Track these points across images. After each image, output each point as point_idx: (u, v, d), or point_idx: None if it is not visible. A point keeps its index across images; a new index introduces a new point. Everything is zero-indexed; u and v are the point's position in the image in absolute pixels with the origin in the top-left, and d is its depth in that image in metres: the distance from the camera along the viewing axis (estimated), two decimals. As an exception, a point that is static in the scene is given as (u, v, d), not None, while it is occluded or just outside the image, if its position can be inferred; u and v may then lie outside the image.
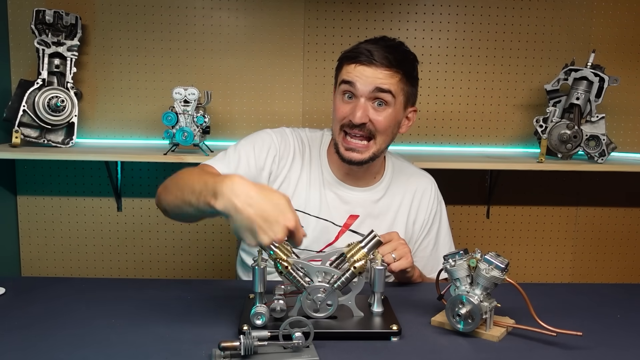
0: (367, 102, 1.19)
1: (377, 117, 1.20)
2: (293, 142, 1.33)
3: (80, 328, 0.96)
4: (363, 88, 1.18)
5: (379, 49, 1.20)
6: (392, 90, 1.19)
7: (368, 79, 1.18)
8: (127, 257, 2.15)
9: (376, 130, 1.21)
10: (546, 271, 2.23)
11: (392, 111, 1.21)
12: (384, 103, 1.20)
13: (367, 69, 1.18)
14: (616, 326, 1.02)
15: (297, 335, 0.85)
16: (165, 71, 2.03)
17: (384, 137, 1.23)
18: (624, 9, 2.07)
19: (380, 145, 1.24)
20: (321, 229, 1.29)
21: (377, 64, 1.18)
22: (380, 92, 1.18)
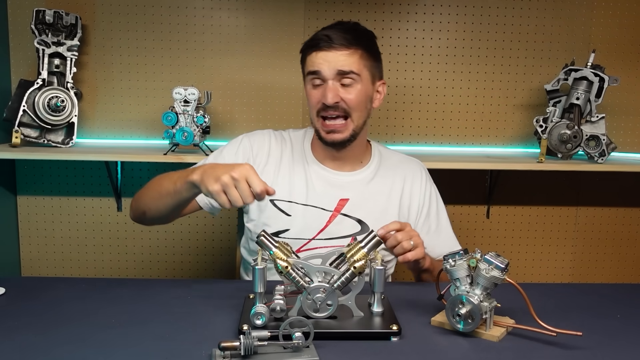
0: (335, 83, 1.25)
1: (347, 96, 1.25)
2: (269, 141, 1.38)
3: (80, 328, 0.96)
4: (328, 72, 1.24)
5: (336, 32, 1.26)
6: (354, 69, 1.24)
7: (330, 64, 1.23)
8: (127, 257, 2.15)
9: (350, 108, 1.26)
10: (546, 271, 2.23)
11: (361, 87, 1.27)
12: (351, 81, 1.25)
13: (328, 54, 1.24)
14: (616, 326, 1.02)
15: (297, 335, 0.85)
16: (165, 71, 2.03)
17: (358, 113, 1.28)
18: (624, 9, 2.07)
19: (357, 122, 1.28)
20: (311, 216, 1.31)
21: (337, 46, 1.24)
22: (344, 74, 1.24)
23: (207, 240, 2.14)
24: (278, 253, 0.98)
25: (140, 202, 1.29)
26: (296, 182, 1.33)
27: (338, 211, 1.31)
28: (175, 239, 2.14)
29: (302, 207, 1.31)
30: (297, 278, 0.97)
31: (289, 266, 0.97)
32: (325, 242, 1.31)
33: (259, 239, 0.99)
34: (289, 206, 1.32)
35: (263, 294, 0.96)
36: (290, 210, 1.32)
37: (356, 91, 1.25)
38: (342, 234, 1.31)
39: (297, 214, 1.31)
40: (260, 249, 1.00)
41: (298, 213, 1.31)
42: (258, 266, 0.95)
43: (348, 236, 1.31)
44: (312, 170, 1.35)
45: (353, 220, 1.32)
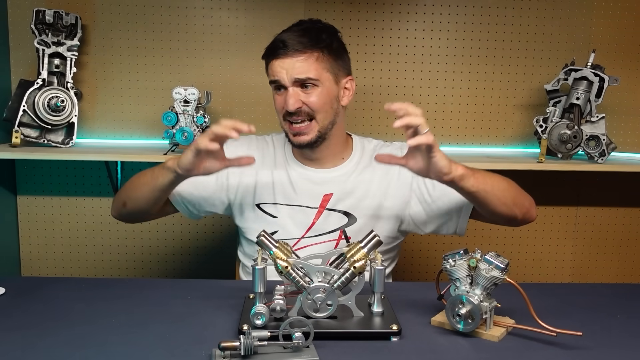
0: (295, 89, 1.26)
1: (309, 100, 1.26)
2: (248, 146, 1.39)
3: (80, 328, 0.96)
4: (286, 80, 1.25)
5: (292, 35, 1.26)
6: (311, 75, 1.24)
7: (288, 71, 1.24)
8: (127, 257, 2.14)
9: (313, 111, 1.26)
10: (546, 271, 2.23)
11: (322, 89, 1.27)
12: (311, 85, 1.25)
13: (285, 61, 1.25)
14: (616, 326, 1.02)
15: (297, 335, 0.85)
16: (165, 71, 2.03)
17: (322, 114, 1.28)
18: (624, 9, 2.07)
19: (323, 122, 1.28)
20: (297, 215, 1.32)
21: (292, 52, 1.24)
22: (302, 81, 1.25)
23: (207, 240, 2.15)
24: (278, 253, 0.98)
25: (121, 193, 1.35)
26: (279, 184, 1.34)
27: (323, 207, 1.32)
28: (175, 239, 2.14)
29: (288, 207, 1.33)
30: (297, 278, 0.97)
31: (289, 266, 0.97)
32: (315, 238, 1.32)
33: (259, 239, 1.00)
34: (274, 208, 1.33)
35: (263, 294, 0.96)
36: (277, 212, 1.33)
37: (317, 93, 1.26)
38: (330, 228, 1.32)
39: (283, 214, 1.33)
40: (260, 249, 1.00)
41: (284, 214, 1.33)
42: (258, 266, 0.95)
43: (336, 230, 1.32)
44: (294, 170, 1.35)
45: (339, 213, 1.32)
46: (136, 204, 1.31)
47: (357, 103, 2.06)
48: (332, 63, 1.28)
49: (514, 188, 1.25)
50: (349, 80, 1.34)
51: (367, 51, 2.05)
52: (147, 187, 1.26)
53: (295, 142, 1.29)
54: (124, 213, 1.36)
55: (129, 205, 1.32)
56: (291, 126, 1.28)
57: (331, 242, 1.31)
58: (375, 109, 2.09)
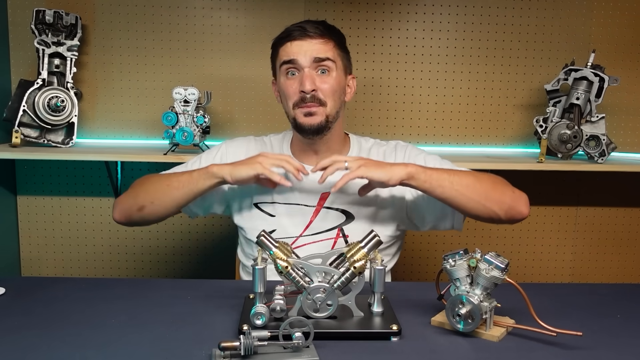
0: (311, 71, 1.26)
1: (322, 85, 1.27)
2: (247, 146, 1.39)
3: (80, 328, 0.96)
4: (304, 60, 1.25)
5: (308, 23, 1.28)
6: (330, 56, 1.27)
7: (307, 52, 1.25)
8: (127, 257, 2.15)
9: (325, 96, 1.27)
10: (546, 271, 2.23)
11: (336, 76, 1.28)
12: (327, 70, 1.27)
13: (303, 43, 1.26)
14: (616, 326, 1.02)
15: (297, 335, 0.85)
16: (165, 71, 2.03)
17: (332, 102, 1.28)
18: (624, 9, 2.07)
19: (331, 110, 1.28)
20: (295, 214, 1.32)
21: (311, 35, 1.26)
22: (321, 61, 1.26)
23: (207, 240, 2.14)
24: (278, 253, 0.98)
25: (138, 198, 1.31)
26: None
27: (321, 205, 1.32)
28: (175, 239, 2.14)
29: (285, 206, 1.33)
30: (297, 278, 0.97)
31: (289, 266, 0.97)
32: (313, 237, 1.32)
33: (259, 239, 1.00)
34: (272, 207, 1.34)
35: (263, 294, 0.96)
36: (274, 210, 1.33)
37: (331, 79, 1.27)
38: (328, 227, 1.32)
39: (281, 213, 1.33)
40: (260, 249, 1.00)
41: (282, 212, 1.33)
42: (258, 266, 0.95)
43: (334, 228, 1.32)
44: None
45: (337, 211, 1.32)
46: (159, 207, 1.30)
47: (356, 102, 2.06)
48: (344, 55, 1.32)
49: (485, 184, 1.23)
50: (352, 79, 1.37)
51: (367, 51, 2.05)
52: (180, 191, 1.26)
53: (305, 123, 1.27)
54: (135, 217, 1.32)
55: (149, 209, 1.30)
56: (302, 107, 1.27)
57: (329, 240, 1.31)
58: (375, 109, 2.09)
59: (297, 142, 1.37)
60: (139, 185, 1.34)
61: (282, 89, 1.31)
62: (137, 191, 1.33)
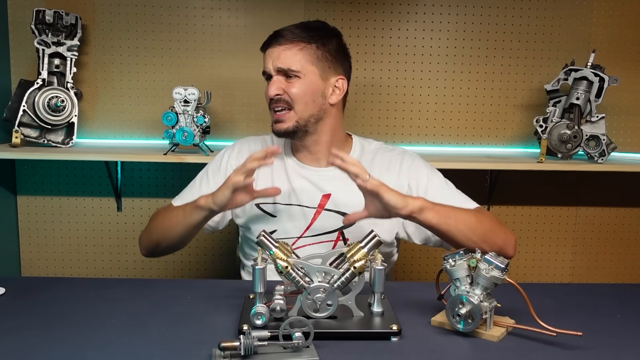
0: (279, 77, 1.28)
1: (289, 89, 1.28)
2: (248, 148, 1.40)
3: (80, 328, 0.96)
4: (270, 69, 1.29)
5: (291, 27, 1.29)
6: (292, 67, 1.26)
7: (273, 61, 1.28)
8: (127, 257, 2.15)
9: (292, 100, 1.28)
10: (546, 271, 2.23)
11: (305, 81, 1.28)
12: (293, 76, 1.27)
13: (273, 50, 1.29)
14: (616, 326, 1.02)
15: (297, 335, 0.85)
16: (165, 71, 2.03)
17: (302, 106, 1.28)
18: (624, 9, 2.07)
19: (302, 114, 1.29)
20: (296, 215, 1.32)
21: (280, 41, 1.28)
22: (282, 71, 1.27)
23: (207, 240, 2.14)
24: (278, 253, 0.98)
25: (152, 235, 1.37)
26: (277, 183, 1.35)
27: (322, 207, 1.32)
28: (175, 239, 2.14)
29: (286, 207, 1.33)
30: (297, 278, 0.97)
31: (289, 266, 0.97)
32: (313, 238, 1.32)
33: (259, 239, 1.00)
34: (273, 207, 1.34)
35: (263, 294, 0.96)
36: (275, 211, 1.34)
37: (298, 84, 1.27)
38: (328, 229, 1.32)
39: (281, 214, 1.33)
40: (260, 249, 1.00)
41: (283, 213, 1.33)
42: (258, 266, 0.95)
43: (334, 231, 1.31)
44: (292, 169, 1.36)
45: (337, 214, 1.32)
46: (171, 242, 1.35)
47: (357, 103, 2.06)
48: (321, 58, 1.29)
49: (485, 226, 1.23)
50: (339, 79, 1.33)
51: (367, 51, 2.05)
52: (180, 226, 1.29)
53: (274, 129, 1.31)
54: (157, 252, 1.39)
55: (163, 244, 1.36)
56: (275, 114, 1.31)
57: (329, 242, 1.31)
58: (375, 109, 2.09)
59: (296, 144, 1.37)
60: (152, 221, 1.38)
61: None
62: (150, 228, 1.38)
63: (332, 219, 1.32)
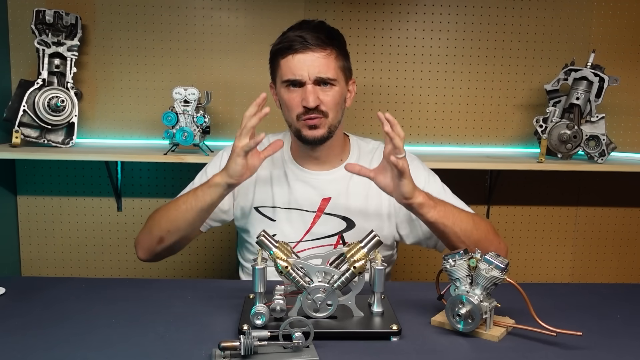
0: (315, 86, 1.24)
1: (325, 98, 1.25)
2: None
3: (80, 328, 0.96)
4: (306, 77, 1.23)
5: (308, 31, 1.24)
6: (331, 75, 1.24)
7: (309, 69, 1.23)
8: (127, 257, 2.14)
9: (328, 109, 1.26)
10: (546, 271, 2.23)
11: (338, 89, 1.27)
12: (329, 84, 1.25)
13: (305, 57, 1.23)
14: (616, 326, 1.02)
15: (297, 335, 0.85)
16: (165, 71, 2.03)
17: (334, 114, 1.28)
18: (624, 9, 2.07)
19: (333, 121, 1.28)
20: (295, 219, 1.32)
21: (313, 48, 1.23)
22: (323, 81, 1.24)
23: (207, 240, 2.14)
24: (278, 253, 0.98)
25: (153, 231, 1.30)
26: (277, 187, 1.34)
27: (321, 211, 1.31)
28: (175, 239, 2.14)
29: (286, 211, 1.32)
30: (297, 278, 0.97)
31: (289, 266, 0.97)
32: (312, 242, 1.31)
33: (259, 239, 1.00)
34: (272, 211, 1.33)
35: (263, 294, 0.96)
36: (275, 215, 1.33)
37: (333, 93, 1.25)
38: (328, 233, 1.31)
39: (281, 218, 1.32)
40: (260, 249, 1.00)
41: (282, 217, 1.32)
42: (258, 266, 0.95)
43: (334, 235, 1.31)
44: (292, 173, 1.35)
45: (337, 218, 1.31)
46: (177, 234, 1.28)
47: (357, 103, 2.06)
48: (344, 63, 1.29)
49: (480, 232, 1.23)
50: (352, 83, 1.34)
51: (367, 51, 2.05)
52: (191, 212, 1.23)
53: (309, 136, 1.26)
54: (158, 250, 1.31)
55: (167, 239, 1.29)
56: (305, 120, 1.26)
57: (329, 246, 1.31)
58: (375, 109, 2.08)
59: (297, 148, 1.35)
60: (151, 219, 1.32)
61: (283, 100, 1.30)
62: (150, 226, 1.31)
63: (332, 222, 1.31)
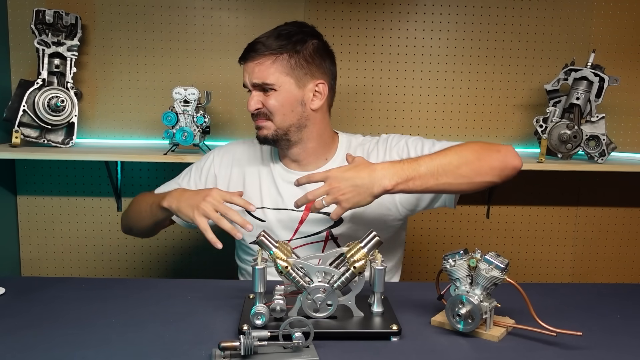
0: (257, 92, 1.29)
1: (267, 102, 1.28)
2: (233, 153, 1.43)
3: (80, 328, 0.96)
4: (248, 84, 1.31)
5: (261, 38, 1.30)
6: (267, 80, 1.26)
7: (249, 75, 1.30)
8: (127, 257, 2.15)
9: (270, 113, 1.29)
10: (546, 271, 2.23)
11: (281, 92, 1.28)
12: (269, 89, 1.28)
13: (248, 65, 1.30)
14: (616, 326, 1.02)
15: (297, 335, 0.85)
16: (165, 71, 2.03)
17: (280, 117, 1.29)
18: (624, 9, 2.07)
19: (281, 123, 1.29)
20: (284, 219, 1.33)
21: (253, 56, 1.29)
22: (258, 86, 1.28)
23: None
24: (278, 253, 0.98)
25: (126, 219, 1.48)
26: (265, 188, 1.36)
27: (308, 209, 1.31)
28: (175, 239, 2.14)
29: (274, 212, 1.34)
30: (297, 278, 0.97)
31: (289, 266, 0.97)
32: (303, 240, 1.33)
33: (259, 239, 1.00)
34: (262, 212, 1.35)
35: (263, 294, 0.96)
36: (264, 216, 1.35)
37: (275, 97, 1.28)
38: (316, 230, 1.33)
39: (271, 218, 1.34)
40: (260, 249, 1.00)
41: (272, 218, 1.34)
42: (258, 266, 0.95)
43: (322, 231, 1.32)
44: (278, 173, 1.37)
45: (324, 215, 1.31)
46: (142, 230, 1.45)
47: (356, 102, 2.06)
48: (295, 67, 1.27)
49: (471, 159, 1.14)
50: (319, 84, 1.31)
51: (367, 51, 2.05)
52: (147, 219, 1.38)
53: (258, 136, 1.33)
54: (133, 234, 1.52)
55: (136, 229, 1.46)
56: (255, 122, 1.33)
57: (319, 243, 1.32)
58: (375, 109, 2.09)
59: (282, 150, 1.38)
60: (130, 205, 1.46)
61: None
62: (128, 211, 1.47)
63: (319, 220, 1.32)
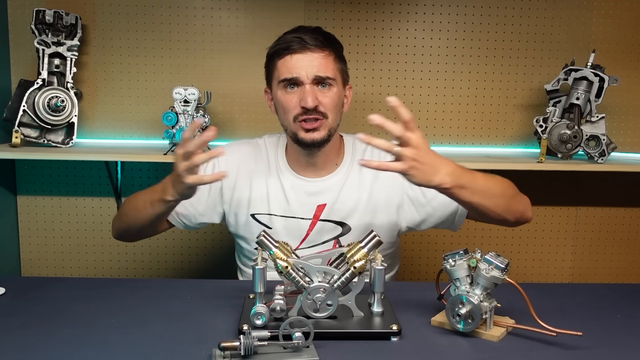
0: (312, 87, 1.23)
1: (324, 99, 1.24)
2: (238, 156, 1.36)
3: (80, 328, 0.96)
4: (305, 77, 1.22)
5: (306, 33, 1.24)
6: (330, 74, 1.24)
7: (307, 68, 1.22)
8: (127, 257, 2.15)
9: (327, 110, 1.24)
10: (546, 271, 2.23)
11: (336, 90, 1.26)
12: (328, 85, 1.24)
13: (303, 57, 1.22)
14: (616, 326, 1.02)
15: (297, 335, 0.85)
16: (165, 71, 2.03)
17: (333, 116, 1.26)
18: (624, 9, 2.07)
19: (333, 123, 1.27)
20: (291, 227, 1.31)
21: (311, 48, 1.22)
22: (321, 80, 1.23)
23: (207, 240, 2.14)
24: (278, 253, 0.98)
25: (122, 220, 1.35)
26: (272, 194, 1.33)
27: (317, 217, 1.30)
28: (175, 239, 2.14)
29: (282, 219, 1.32)
30: (297, 278, 0.97)
31: (289, 266, 0.97)
32: (309, 249, 1.30)
33: (259, 239, 1.00)
34: (269, 219, 1.32)
35: (263, 294, 0.96)
36: (271, 222, 1.32)
37: (332, 94, 1.25)
38: (324, 239, 1.31)
39: (278, 225, 1.32)
40: (260, 249, 1.00)
41: (279, 225, 1.32)
42: (258, 266, 0.95)
43: (330, 240, 1.31)
44: (287, 180, 1.33)
45: (333, 223, 1.31)
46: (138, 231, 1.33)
47: (356, 103, 2.06)
48: (342, 67, 1.29)
49: (508, 195, 1.23)
50: (349, 88, 1.34)
51: (367, 51, 2.05)
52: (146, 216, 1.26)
53: (307, 139, 1.24)
54: (126, 236, 1.39)
55: (131, 231, 1.34)
56: (303, 123, 1.24)
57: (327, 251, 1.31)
58: (375, 110, 2.08)
59: (293, 153, 1.34)
60: (123, 206, 1.36)
61: (280, 102, 1.28)
62: (120, 213, 1.37)
63: (328, 229, 1.31)
